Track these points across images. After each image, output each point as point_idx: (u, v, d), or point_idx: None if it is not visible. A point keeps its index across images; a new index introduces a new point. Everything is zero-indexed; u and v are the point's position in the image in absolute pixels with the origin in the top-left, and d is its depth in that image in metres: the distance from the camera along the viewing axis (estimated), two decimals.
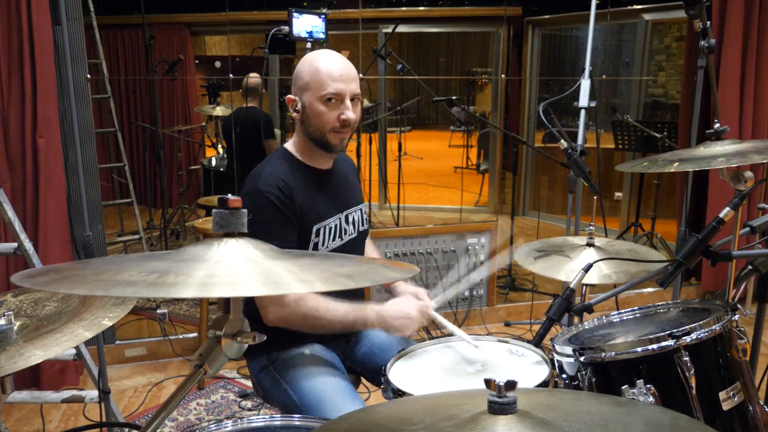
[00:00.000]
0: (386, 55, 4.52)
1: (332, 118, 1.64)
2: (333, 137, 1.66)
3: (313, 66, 1.65)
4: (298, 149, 1.75)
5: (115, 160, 4.59)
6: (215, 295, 0.75)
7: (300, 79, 1.67)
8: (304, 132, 1.70)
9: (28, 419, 2.84)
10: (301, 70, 1.67)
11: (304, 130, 1.69)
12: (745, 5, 3.59)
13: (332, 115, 1.63)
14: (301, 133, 1.72)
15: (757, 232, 1.53)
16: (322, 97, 1.62)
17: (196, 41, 5.53)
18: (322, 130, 1.66)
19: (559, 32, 6.21)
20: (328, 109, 1.63)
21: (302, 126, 1.69)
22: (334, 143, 1.67)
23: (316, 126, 1.66)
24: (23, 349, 0.98)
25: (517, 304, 3.93)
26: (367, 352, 1.90)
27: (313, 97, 1.64)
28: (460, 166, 7.27)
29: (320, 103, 1.63)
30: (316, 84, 1.63)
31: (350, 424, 0.92)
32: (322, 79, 1.62)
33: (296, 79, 1.69)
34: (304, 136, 1.71)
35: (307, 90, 1.65)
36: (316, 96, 1.63)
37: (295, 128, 1.75)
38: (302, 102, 1.67)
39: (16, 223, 2.11)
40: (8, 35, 2.74)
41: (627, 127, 4.56)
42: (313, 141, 1.69)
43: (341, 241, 1.78)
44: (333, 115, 1.63)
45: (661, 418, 0.88)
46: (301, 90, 1.66)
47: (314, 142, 1.70)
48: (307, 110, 1.66)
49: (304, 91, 1.66)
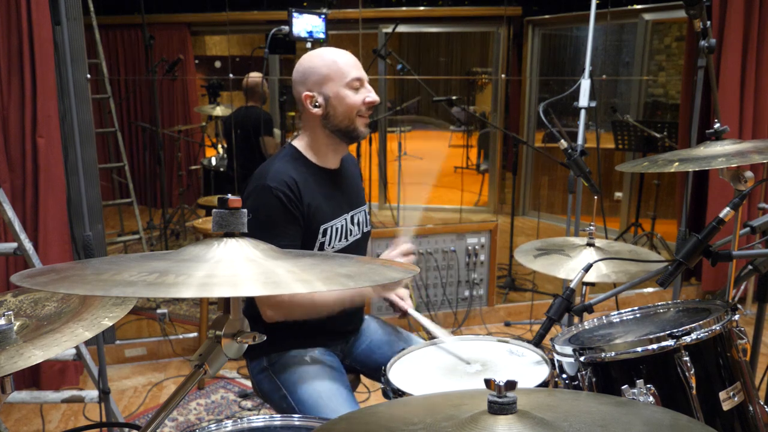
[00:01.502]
0: (386, 55, 4.53)
1: (359, 102, 1.68)
2: (360, 122, 1.70)
3: (327, 59, 1.68)
4: (308, 148, 1.74)
5: (115, 160, 4.59)
6: (215, 295, 0.75)
7: (315, 74, 1.68)
8: (326, 126, 1.70)
9: (28, 419, 2.84)
10: (314, 66, 1.68)
11: (327, 124, 1.70)
12: (745, 5, 3.59)
13: (359, 98, 1.68)
14: (319, 130, 1.71)
15: (757, 232, 1.53)
16: (349, 83, 1.67)
17: (196, 41, 5.53)
18: (350, 116, 1.68)
19: (559, 32, 6.21)
20: (355, 94, 1.68)
21: (324, 120, 1.69)
22: (361, 129, 1.71)
23: (344, 114, 1.68)
24: (23, 349, 0.98)
25: (517, 304, 3.93)
26: (365, 349, 1.91)
27: (337, 86, 1.67)
28: (460, 166, 7.27)
29: (347, 89, 1.67)
30: (338, 73, 1.67)
31: (350, 424, 0.92)
32: (343, 67, 1.67)
33: (308, 76, 1.69)
34: (325, 131, 1.71)
35: (327, 81, 1.67)
36: (341, 84, 1.67)
37: (305, 127, 1.75)
38: (324, 95, 1.67)
39: (16, 223, 2.11)
40: (8, 35, 2.74)
41: (627, 127, 4.56)
42: (339, 132, 1.70)
43: (347, 242, 1.78)
44: (359, 98, 1.68)
45: (661, 418, 0.88)
46: (319, 84, 1.67)
47: (339, 134, 1.71)
48: (333, 100, 1.67)
49: (323, 84, 1.67)
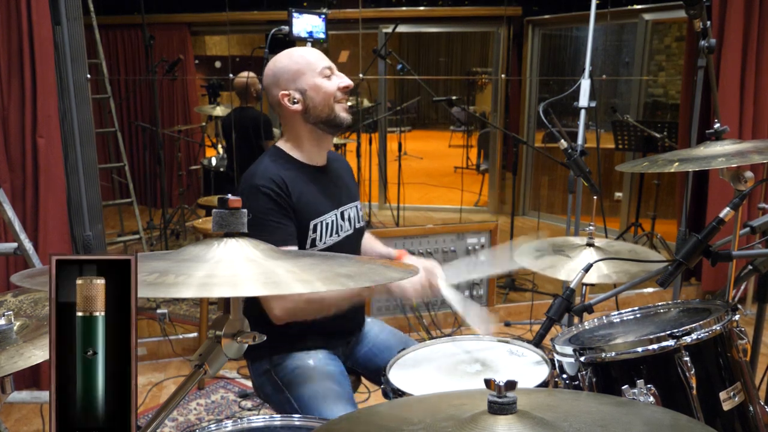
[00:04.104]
0: (386, 55, 4.53)
1: (334, 88, 1.72)
2: (339, 108, 1.73)
3: (294, 56, 1.74)
4: (292, 147, 1.77)
5: (115, 160, 4.59)
6: (215, 295, 0.76)
7: (286, 73, 1.71)
8: (308, 120, 1.72)
9: (28, 419, 2.84)
10: (284, 65, 1.72)
11: (308, 118, 1.72)
12: (745, 5, 3.59)
13: (333, 85, 1.72)
14: (301, 126, 1.73)
15: (757, 232, 1.53)
16: (321, 72, 1.71)
17: (196, 41, 5.54)
18: (329, 104, 1.71)
19: (559, 32, 6.21)
20: (329, 82, 1.72)
21: (305, 115, 1.71)
22: (342, 115, 1.74)
23: (323, 102, 1.70)
24: (23, 349, 0.98)
25: (517, 304, 3.93)
26: (367, 353, 1.91)
27: (310, 77, 1.70)
28: (460, 166, 7.27)
29: (321, 77, 1.71)
30: (308, 66, 1.71)
31: (350, 424, 0.92)
32: (311, 60, 1.72)
33: (280, 76, 1.71)
34: (307, 125, 1.73)
35: (300, 76, 1.70)
36: (313, 75, 1.70)
37: (287, 127, 1.77)
38: (300, 89, 1.70)
39: (16, 223, 2.11)
40: (8, 35, 2.74)
41: (627, 127, 4.56)
42: (321, 123, 1.72)
43: (338, 237, 1.78)
44: (334, 85, 1.72)
45: (662, 418, 0.88)
46: (293, 80, 1.71)
47: (322, 125, 1.73)
48: (309, 92, 1.70)
49: (296, 79, 1.70)
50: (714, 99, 2.19)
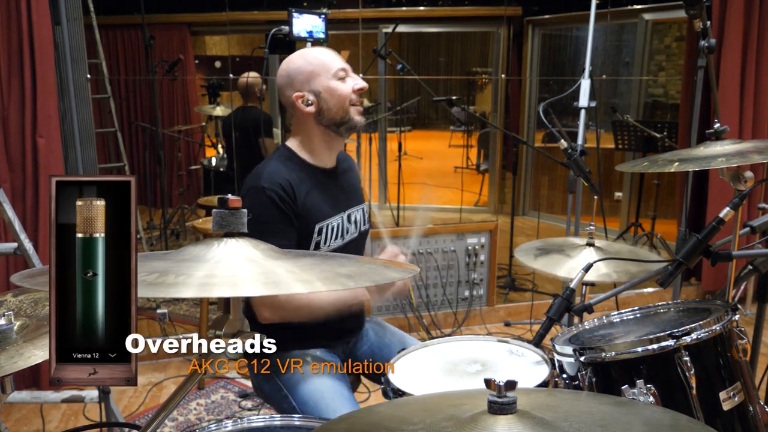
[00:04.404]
0: (386, 55, 4.52)
1: (349, 90, 1.70)
2: (354, 111, 1.72)
3: (309, 57, 1.72)
4: (301, 148, 1.75)
5: (115, 160, 4.58)
6: (215, 295, 0.76)
7: (300, 74, 1.69)
8: (321, 122, 1.71)
9: (28, 419, 2.84)
10: (298, 66, 1.70)
11: (321, 120, 1.71)
12: (745, 5, 3.59)
13: (348, 87, 1.71)
14: (313, 128, 1.72)
15: (757, 232, 1.53)
16: (335, 74, 1.69)
17: (196, 41, 5.53)
18: (344, 106, 1.70)
19: (559, 32, 6.21)
20: (343, 84, 1.70)
21: (319, 117, 1.70)
22: (356, 118, 1.73)
23: (337, 105, 1.69)
24: (23, 349, 0.98)
25: (517, 304, 3.93)
26: (367, 353, 1.90)
27: (325, 79, 1.69)
28: (460, 166, 7.27)
29: (335, 79, 1.69)
30: (323, 68, 1.69)
31: (350, 424, 0.92)
32: (326, 61, 1.70)
33: (294, 77, 1.70)
34: (320, 127, 1.72)
35: (315, 77, 1.69)
36: (328, 77, 1.69)
37: (299, 128, 1.75)
38: (314, 91, 1.69)
39: (16, 223, 2.11)
40: (8, 35, 2.74)
41: (627, 127, 4.56)
42: (335, 125, 1.71)
43: (343, 241, 1.78)
44: (349, 87, 1.71)
45: (661, 418, 0.88)
46: (307, 82, 1.69)
47: (335, 127, 1.72)
48: (324, 94, 1.69)
49: (311, 80, 1.69)
50: (714, 99, 2.19)
